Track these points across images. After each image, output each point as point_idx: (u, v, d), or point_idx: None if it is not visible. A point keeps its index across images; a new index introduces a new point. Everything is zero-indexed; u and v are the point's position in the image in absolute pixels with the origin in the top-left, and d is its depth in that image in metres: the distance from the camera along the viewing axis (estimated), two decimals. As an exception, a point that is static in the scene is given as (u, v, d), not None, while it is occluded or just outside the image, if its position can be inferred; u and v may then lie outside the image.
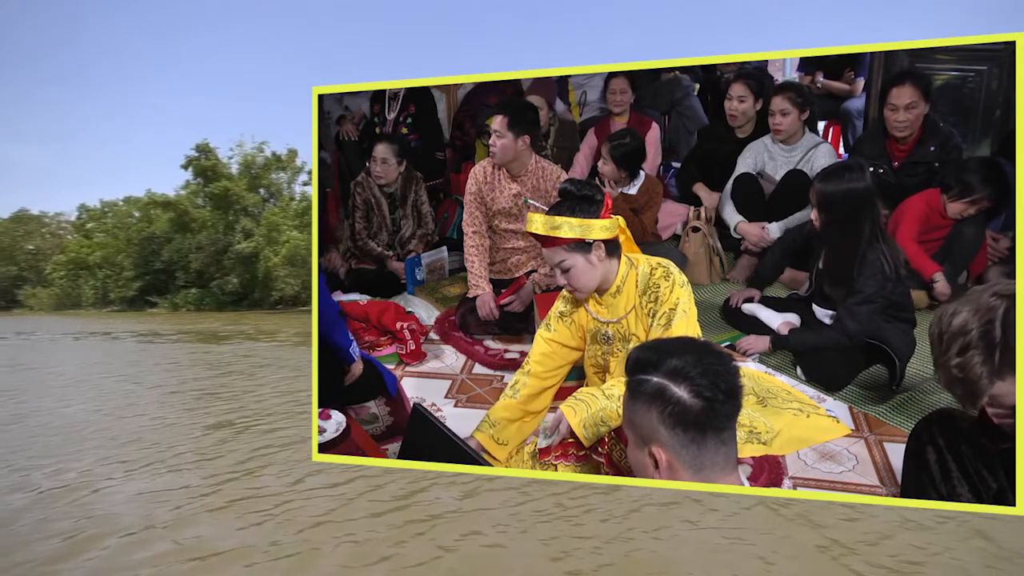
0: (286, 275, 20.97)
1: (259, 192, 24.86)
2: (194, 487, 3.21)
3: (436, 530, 2.60)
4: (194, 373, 7.48)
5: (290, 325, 14.93)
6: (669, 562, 2.29)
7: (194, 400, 5.68)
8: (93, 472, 3.50)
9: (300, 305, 21.86)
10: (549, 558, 2.34)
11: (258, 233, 22.43)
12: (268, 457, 3.74)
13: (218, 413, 5.07)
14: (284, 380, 6.66)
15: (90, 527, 2.69)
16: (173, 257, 24.41)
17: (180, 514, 2.83)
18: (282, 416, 4.88)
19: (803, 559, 2.30)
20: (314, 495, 3.05)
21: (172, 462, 3.67)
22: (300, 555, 2.40)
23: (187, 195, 24.81)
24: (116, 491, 3.17)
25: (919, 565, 2.24)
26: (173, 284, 24.52)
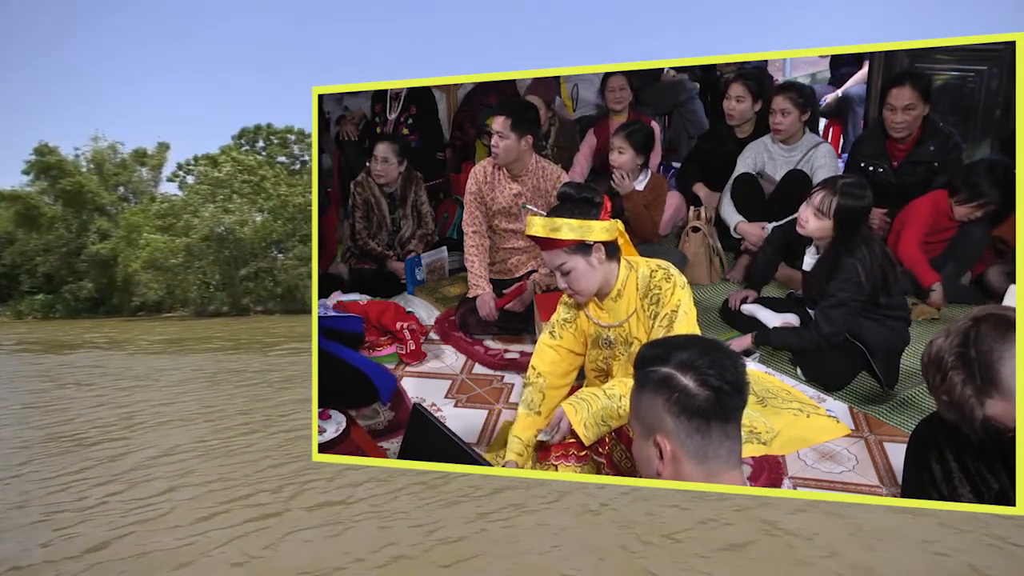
0: (149, 279, 19.17)
1: (118, 191, 22.83)
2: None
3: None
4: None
5: (151, 333, 13.82)
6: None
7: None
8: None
9: (165, 311, 20.34)
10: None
11: (116, 234, 20.55)
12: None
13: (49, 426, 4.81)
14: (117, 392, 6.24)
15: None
16: (16, 260, 21.52)
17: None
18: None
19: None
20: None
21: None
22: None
23: (36, 192, 21.77)
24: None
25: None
26: (17, 290, 21.65)
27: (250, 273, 19.79)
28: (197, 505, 3.04)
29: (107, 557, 2.47)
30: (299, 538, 2.62)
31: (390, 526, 2.72)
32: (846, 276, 2.31)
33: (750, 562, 2.34)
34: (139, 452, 4.05)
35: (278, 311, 19.55)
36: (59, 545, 2.60)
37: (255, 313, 19.55)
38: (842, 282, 2.32)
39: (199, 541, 2.60)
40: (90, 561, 2.44)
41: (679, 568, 2.29)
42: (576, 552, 2.44)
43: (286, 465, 3.65)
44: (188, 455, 3.95)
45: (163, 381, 7.06)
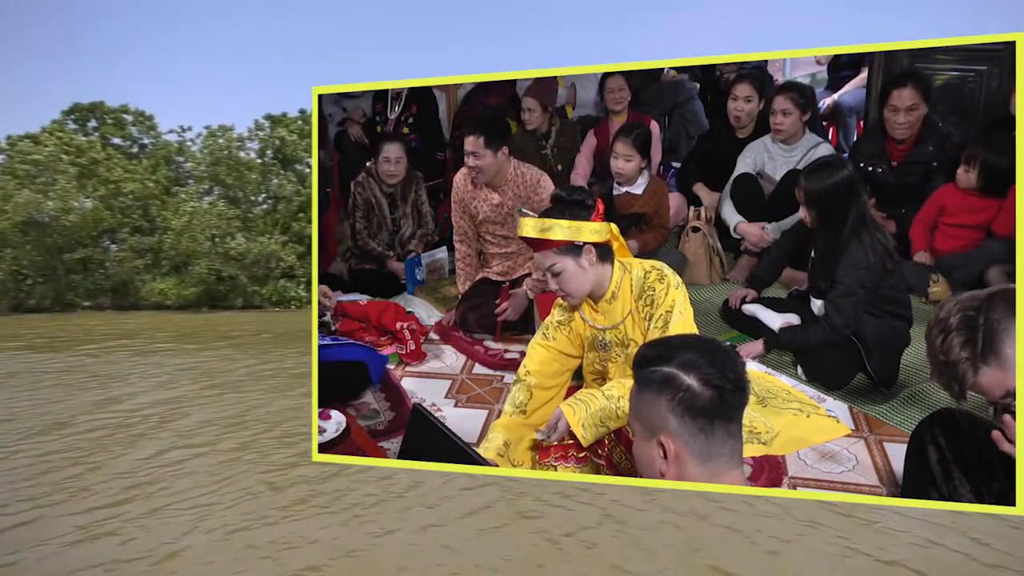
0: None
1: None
2: None
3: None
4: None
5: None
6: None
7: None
8: None
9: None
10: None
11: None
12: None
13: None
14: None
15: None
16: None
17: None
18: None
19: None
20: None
21: None
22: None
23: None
24: None
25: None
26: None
27: (76, 265, 17.11)
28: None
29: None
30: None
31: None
32: (852, 261, 2.28)
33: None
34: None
35: (109, 307, 17.00)
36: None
37: (84, 309, 16.71)
38: (848, 267, 2.29)
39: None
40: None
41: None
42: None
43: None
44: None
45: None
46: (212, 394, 5.56)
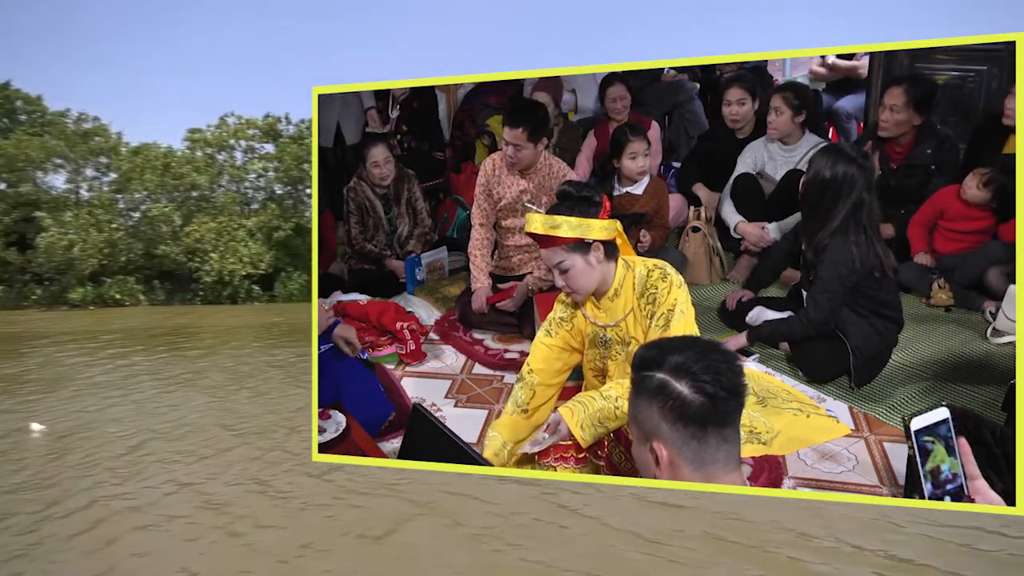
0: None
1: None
2: None
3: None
4: None
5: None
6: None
7: None
8: None
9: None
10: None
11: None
12: None
13: None
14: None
15: None
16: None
17: None
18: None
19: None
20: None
21: None
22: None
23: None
24: None
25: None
26: None
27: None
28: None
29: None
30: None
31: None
32: (832, 259, 2.27)
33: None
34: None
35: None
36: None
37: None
38: (829, 264, 2.28)
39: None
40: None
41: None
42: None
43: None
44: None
45: None
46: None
